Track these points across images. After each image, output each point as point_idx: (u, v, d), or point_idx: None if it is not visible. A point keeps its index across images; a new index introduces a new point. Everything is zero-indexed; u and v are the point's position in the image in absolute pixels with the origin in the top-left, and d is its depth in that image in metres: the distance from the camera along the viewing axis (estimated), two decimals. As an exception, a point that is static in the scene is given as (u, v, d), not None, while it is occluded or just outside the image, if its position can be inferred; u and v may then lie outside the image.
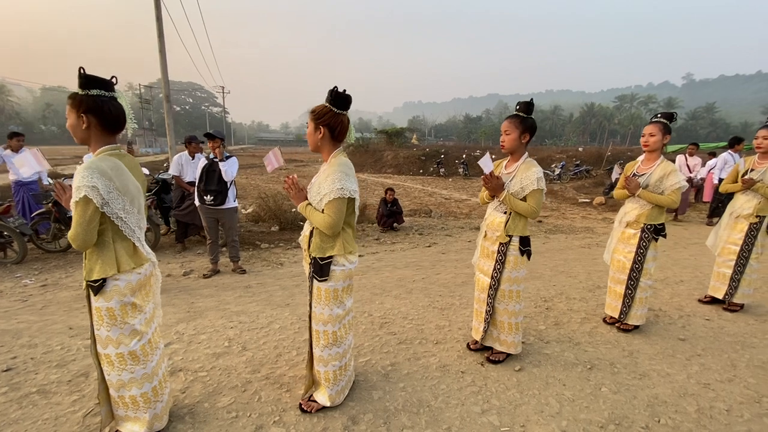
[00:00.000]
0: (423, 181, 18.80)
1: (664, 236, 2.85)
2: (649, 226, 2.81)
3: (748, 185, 3.19)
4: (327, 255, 1.89)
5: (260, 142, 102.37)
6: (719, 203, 7.52)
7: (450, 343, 2.82)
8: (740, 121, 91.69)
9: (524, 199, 2.33)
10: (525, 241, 2.39)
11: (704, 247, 5.99)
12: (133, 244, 1.71)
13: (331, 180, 1.81)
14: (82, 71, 1.58)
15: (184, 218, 5.42)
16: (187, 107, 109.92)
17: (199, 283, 4.17)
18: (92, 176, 1.52)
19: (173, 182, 5.58)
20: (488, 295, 2.52)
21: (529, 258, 2.44)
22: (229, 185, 4.09)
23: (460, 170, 20.76)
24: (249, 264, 4.91)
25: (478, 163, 2.47)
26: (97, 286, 1.59)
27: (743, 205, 3.24)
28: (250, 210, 8.11)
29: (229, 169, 4.07)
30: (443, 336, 2.94)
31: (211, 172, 3.99)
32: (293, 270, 4.66)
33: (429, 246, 5.96)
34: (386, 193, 7.07)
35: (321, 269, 1.90)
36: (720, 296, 3.35)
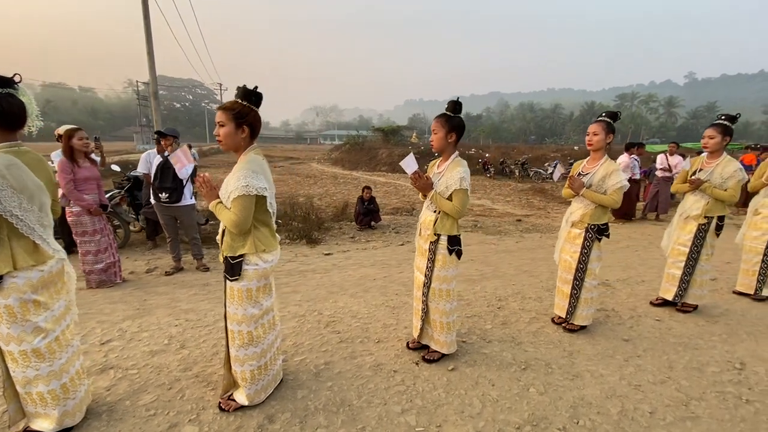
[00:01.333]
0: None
1: (607, 236, 2.83)
2: (592, 226, 2.78)
3: (696, 185, 3.16)
4: (238, 254, 1.88)
5: (260, 140, 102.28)
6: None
7: (391, 342, 2.81)
8: (741, 120, 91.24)
9: (450, 198, 2.32)
10: (453, 240, 2.37)
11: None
12: (34, 241, 1.70)
13: (237, 177, 1.80)
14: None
15: (154, 216, 5.41)
16: (187, 104, 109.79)
17: (159, 281, 4.17)
18: (-21, 174, 1.51)
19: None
20: (423, 293, 2.51)
21: (459, 257, 2.42)
22: (185, 182, 4.07)
23: (454, 168, 20.68)
24: (215, 261, 4.90)
25: (400, 164, 2.44)
26: (-7, 283, 1.58)
27: (692, 205, 3.22)
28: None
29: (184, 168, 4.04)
30: (387, 335, 2.93)
31: (165, 169, 3.97)
32: (258, 268, 4.65)
33: (402, 244, 5.95)
34: (363, 191, 7.05)
35: (232, 268, 1.89)
36: (670, 298, 3.33)
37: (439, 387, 2.29)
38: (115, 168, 6.26)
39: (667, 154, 8.07)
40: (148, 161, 5.46)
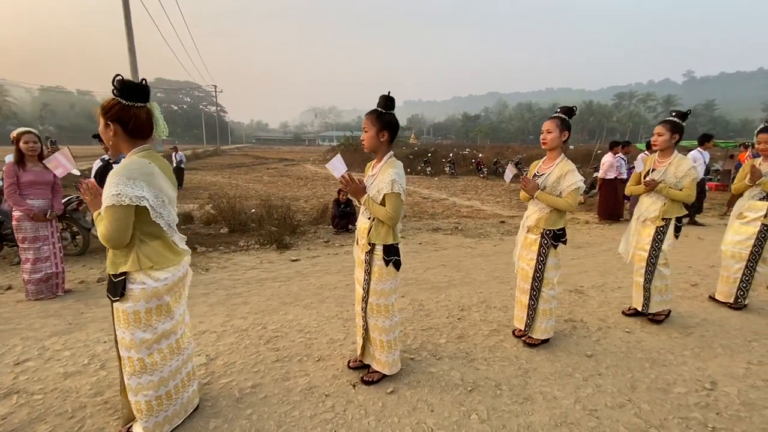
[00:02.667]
0: (408, 180, 18.38)
1: (564, 242, 2.60)
2: (548, 232, 2.55)
3: (651, 186, 2.93)
4: (120, 271, 1.64)
5: (258, 141, 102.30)
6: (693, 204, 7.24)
7: (333, 360, 2.58)
8: (740, 118, 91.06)
9: (384, 203, 2.09)
10: (389, 250, 2.15)
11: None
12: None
13: (108, 184, 1.57)
14: None
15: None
16: (185, 106, 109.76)
17: (96, 289, 3.91)
18: None
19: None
20: (362, 308, 2.29)
21: (397, 269, 2.19)
22: None
23: (447, 169, 20.48)
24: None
25: (326, 166, 2.22)
26: None
27: (648, 207, 2.99)
28: (195, 207, 7.87)
29: None
30: (330, 352, 2.69)
31: (105, 173, 3.72)
32: (216, 276, 4.41)
33: (375, 249, 5.71)
34: (339, 193, 6.81)
35: (114, 287, 1.65)
36: (639, 307, 3.09)
37: (371, 414, 2.06)
38: (75, 172, 6.00)
39: (647, 152, 7.84)
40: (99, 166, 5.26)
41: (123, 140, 1.67)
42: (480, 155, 22.67)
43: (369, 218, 2.18)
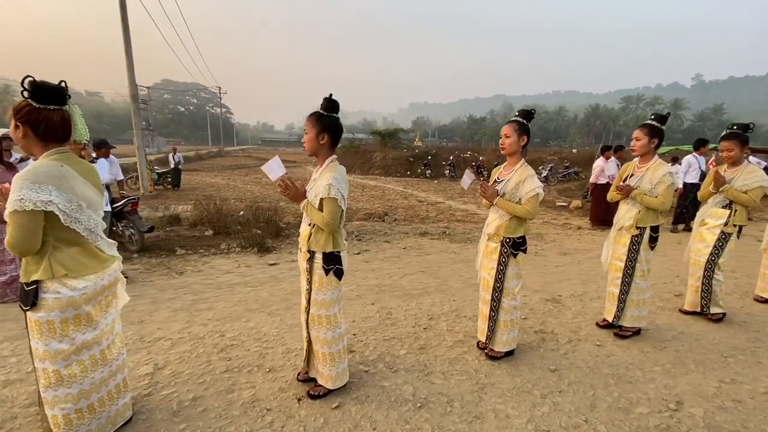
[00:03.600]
0: (407, 183, 18.41)
1: (524, 251, 2.49)
2: (507, 240, 2.44)
3: (625, 193, 2.80)
4: (31, 280, 1.56)
5: (264, 143, 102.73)
6: (683, 209, 7.08)
7: (284, 372, 2.48)
8: (749, 122, 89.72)
9: (321, 209, 2.00)
10: (329, 259, 2.05)
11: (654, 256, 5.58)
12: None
13: (12, 189, 1.48)
14: None
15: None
16: (191, 108, 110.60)
17: None
18: None
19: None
20: (305, 319, 2.19)
21: (339, 278, 2.09)
22: None
23: (446, 172, 20.36)
24: (148, 273, 4.61)
25: (262, 168, 2.13)
26: None
27: (624, 215, 2.86)
28: (189, 208, 7.82)
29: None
30: (284, 362, 2.60)
31: None
32: (188, 280, 4.34)
33: (358, 253, 5.61)
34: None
35: (25, 296, 1.58)
36: (611, 319, 2.96)
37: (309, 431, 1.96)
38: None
39: None
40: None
41: (34, 142, 1.59)
42: (481, 158, 22.52)
43: (309, 224, 2.09)
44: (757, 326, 3.20)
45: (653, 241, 2.77)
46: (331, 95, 2.03)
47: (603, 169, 7.24)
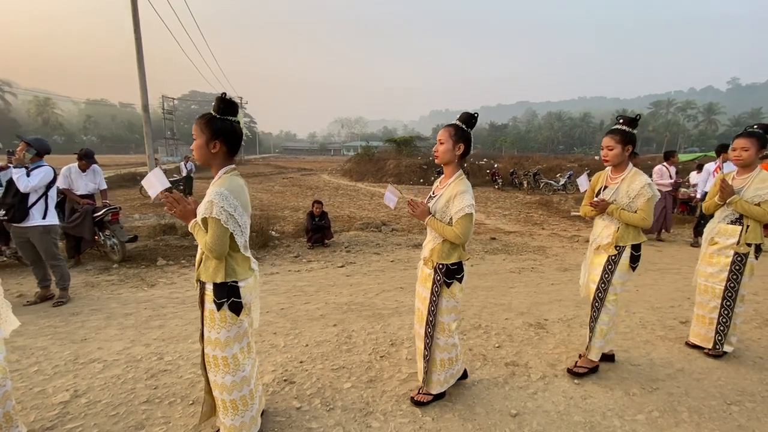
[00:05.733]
0: (419, 192, 18.06)
1: (459, 281, 2.12)
2: (440, 266, 2.08)
3: (601, 208, 2.42)
4: None
5: (285, 151, 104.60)
6: (701, 220, 6.46)
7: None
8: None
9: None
10: (221, 290, 1.71)
11: (666, 274, 5.06)
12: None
13: None
14: None
15: (72, 231, 5.11)
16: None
17: (17, 311, 3.70)
18: None
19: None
20: (201, 360, 1.89)
21: (236, 313, 1.74)
22: (32, 199, 3.60)
23: (460, 180, 19.87)
24: (119, 284, 4.48)
25: (142, 183, 1.88)
26: None
27: (601, 232, 2.46)
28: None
29: (26, 178, 3.48)
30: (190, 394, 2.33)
31: (10, 183, 3.54)
32: (156, 293, 4.18)
33: (342, 266, 5.33)
34: (313, 206, 6.51)
35: None
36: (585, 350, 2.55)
37: (205, 485, 1.68)
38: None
39: (667, 166, 7.09)
40: (67, 176, 5.21)
41: None
42: (496, 165, 21.92)
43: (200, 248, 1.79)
44: (774, 364, 2.72)
45: (635, 261, 2.36)
46: (224, 94, 1.74)
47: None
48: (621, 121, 2.37)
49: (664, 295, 4.20)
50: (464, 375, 2.41)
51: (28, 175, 3.56)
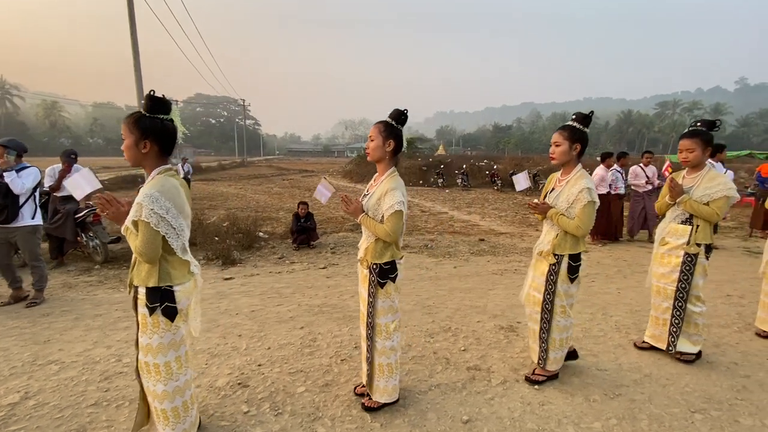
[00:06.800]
0: (417, 193, 17.99)
1: (392, 280, 2.06)
2: (374, 266, 2.02)
3: (542, 212, 2.34)
4: None
5: (289, 153, 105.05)
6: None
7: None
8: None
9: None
10: (153, 295, 1.65)
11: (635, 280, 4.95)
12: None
13: None
14: None
15: (54, 231, 5.12)
16: (222, 120, 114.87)
17: None
18: None
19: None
20: (135, 365, 1.83)
21: (171, 319, 1.69)
22: (22, 200, 3.64)
23: (459, 181, 19.79)
24: (97, 286, 4.47)
25: (65, 184, 1.83)
26: None
27: (543, 238, 2.38)
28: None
29: (20, 181, 3.57)
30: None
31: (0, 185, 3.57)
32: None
33: (324, 267, 5.29)
34: (298, 207, 6.47)
35: None
36: (536, 359, 2.47)
37: (133, 492, 1.64)
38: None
39: (642, 166, 6.95)
40: (52, 176, 5.22)
41: None
42: (495, 166, 21.80)
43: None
44: (748, 370, 2.63)
45: (573, 272, 2.27)
46: (152, 91, 1.67)
47: (603, 177, 6.63)
48: (574, 117, 2.30)
49: (645, 298, 4.08)
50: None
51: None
